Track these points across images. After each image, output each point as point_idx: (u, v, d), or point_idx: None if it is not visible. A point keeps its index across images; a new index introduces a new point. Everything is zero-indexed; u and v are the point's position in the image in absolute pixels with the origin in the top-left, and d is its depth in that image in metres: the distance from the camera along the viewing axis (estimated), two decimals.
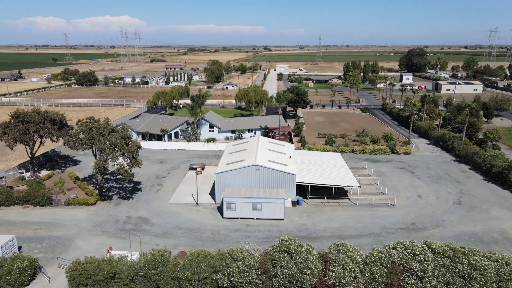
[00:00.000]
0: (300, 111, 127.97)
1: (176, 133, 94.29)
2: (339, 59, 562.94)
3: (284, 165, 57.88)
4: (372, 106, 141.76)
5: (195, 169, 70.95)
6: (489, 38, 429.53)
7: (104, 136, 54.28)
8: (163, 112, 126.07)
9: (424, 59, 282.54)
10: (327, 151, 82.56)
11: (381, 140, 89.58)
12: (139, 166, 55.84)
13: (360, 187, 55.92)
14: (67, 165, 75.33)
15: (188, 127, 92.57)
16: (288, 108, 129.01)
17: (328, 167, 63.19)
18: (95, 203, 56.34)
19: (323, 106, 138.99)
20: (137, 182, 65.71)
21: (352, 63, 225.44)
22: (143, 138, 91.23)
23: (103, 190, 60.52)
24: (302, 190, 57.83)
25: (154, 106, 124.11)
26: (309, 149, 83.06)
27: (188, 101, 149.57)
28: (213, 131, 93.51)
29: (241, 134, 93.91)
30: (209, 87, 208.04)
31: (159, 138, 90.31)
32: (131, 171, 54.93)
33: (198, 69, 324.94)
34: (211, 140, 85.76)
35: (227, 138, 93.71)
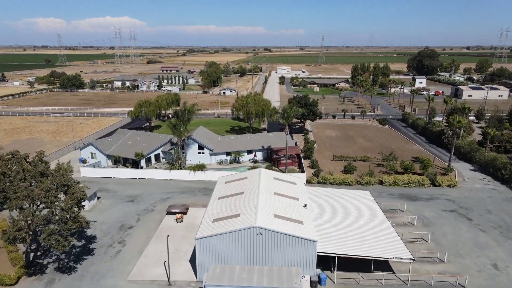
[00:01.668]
0: (308, 123, 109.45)
1: (157, 156, 75.82)
2: (341, 61, 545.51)
3: (298, 222, 39.39)
4: (390, 117, 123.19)
5: (175, 213, 52.54)
6: (500, 38, 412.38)
7: (28, 184, 35.81)
8: (147, 124, 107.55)
9: (436, 61, 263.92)
10: (348, 182, 64.19)
11: (414, 165, 70.85)
12: (81, 228, 37.32)
13: (414, 260, 37.30)
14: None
15: (172, 148, 74.10)
16: (294, 119, 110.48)
17: (359, 219, 44.70)
18: (16, 282, 37.77)
19: (334, 117, 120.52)
20: (90, 237, 47.13)
21: (360, 66, 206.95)
22: (115, 164, 72.76)
23: (37, 253, 42.06)
24: (324, 257, 39.28)
25: (137, 118, 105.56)
26: (325, 180, 64.59)
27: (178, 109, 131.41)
28: (203, 153, 75.00)
29: (238, 157, 75.39)
30: (204, 92, 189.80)
31: (135, 163, 71.77)
32: (68, 238, 36.26)
33: (195, 71, 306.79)
34: (199, 167, 67.23)
35: (221, 162, 75.21)
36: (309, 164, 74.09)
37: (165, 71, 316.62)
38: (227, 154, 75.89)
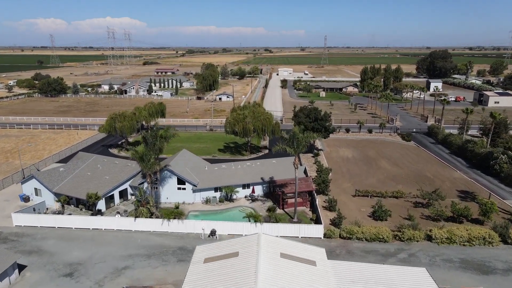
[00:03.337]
0: (318, 140, 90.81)
1: (124, 192, 57.31)
2: (344, 62, 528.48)
3: None
4: (414, 130, 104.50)
5: None
6: (511, 39, 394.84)
7: None
8: (123, 141, 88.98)
9: (450, 62, 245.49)
10: (383, 238, 45.71)
11: (469, 208, 52.23)
12: None
13: None
14: None
15: (142, 184, 55.69)
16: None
17: None
18: None
19: (348, 130, 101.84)
20: None
21: (370, 68, 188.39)
22: (62, 207, 54.11)
23: None
24: None
25: (110, 134, 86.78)
26: (351, 234, 46.15)
27: (163, 120, 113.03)
28: (184, 188, 56.55)
29: (231, 194, 56.92)
30: (198, 98, 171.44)
31: (93, 204, 53.13)
32: None
33: (191, 73, 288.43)
34: (175, 215, 48.69)
35: (208, 201, 56.66)
36: (325, 204, 55.69)
37: (160, 73, 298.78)
38: (216, 189, 57.39)
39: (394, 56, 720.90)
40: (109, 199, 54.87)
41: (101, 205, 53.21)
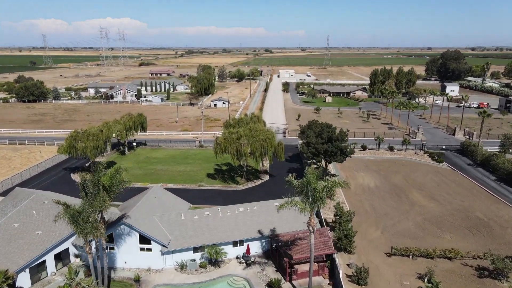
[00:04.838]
0: (332, 164, 73.53)
1: (62, 254, 40.44)
2: (347, 62, 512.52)
3: None
4: (444, 147, 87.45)
5: None
6: None
7: None
8: (89, 163, 71.91)
9: (464, 64, 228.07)
10: None
11: None
12: None
13: None
14: None
15: (91, 241, 38.75)
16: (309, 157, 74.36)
17: None
18: None
19: (364, 148, 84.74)
20: None
21: (381, 71, 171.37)
22: None
23: None
24: None
25: (71, 156, 69.55)
26: None
27: (146, 134, 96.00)
28: (149, 249, 39.65)
29: (217, 258, 39.99)
30: (191, 104, 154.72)
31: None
32: None
33: (187, 74, 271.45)
34: None
35: (183, 266, 39.74)
36: (351, 271, 38.86)
37: (154, 75, 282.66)
38: (196, 249, 40.50)
39: (397, 56, 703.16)
40: (38, 267, 38.01)
41: (23, 279, 36.34)
